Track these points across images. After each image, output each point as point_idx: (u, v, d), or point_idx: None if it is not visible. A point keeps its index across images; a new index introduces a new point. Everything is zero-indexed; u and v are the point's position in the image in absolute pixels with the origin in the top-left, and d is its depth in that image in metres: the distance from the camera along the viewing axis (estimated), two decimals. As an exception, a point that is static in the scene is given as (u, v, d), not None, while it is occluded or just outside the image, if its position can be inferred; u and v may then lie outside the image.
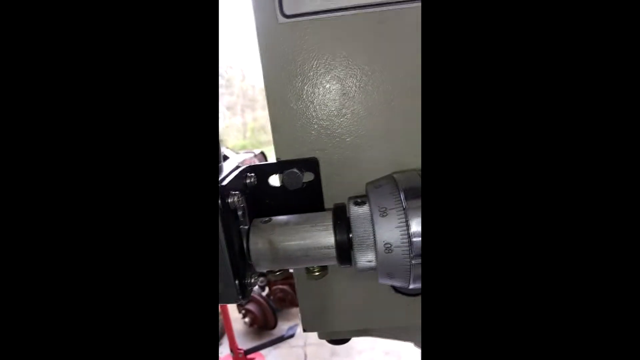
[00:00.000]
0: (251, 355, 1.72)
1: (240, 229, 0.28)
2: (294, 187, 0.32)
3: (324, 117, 0.32)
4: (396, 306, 0.35)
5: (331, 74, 0.31)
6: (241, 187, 0.30)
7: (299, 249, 0.26)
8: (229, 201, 0.26)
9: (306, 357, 1.81)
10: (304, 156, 0.32)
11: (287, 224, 0.27)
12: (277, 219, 0.28)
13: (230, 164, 0.33)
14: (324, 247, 0.26)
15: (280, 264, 0.28)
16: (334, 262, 0.27)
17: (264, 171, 0.32)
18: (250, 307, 1.90)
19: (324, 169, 0.32)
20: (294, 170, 0.31)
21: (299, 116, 0.32)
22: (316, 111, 0.32)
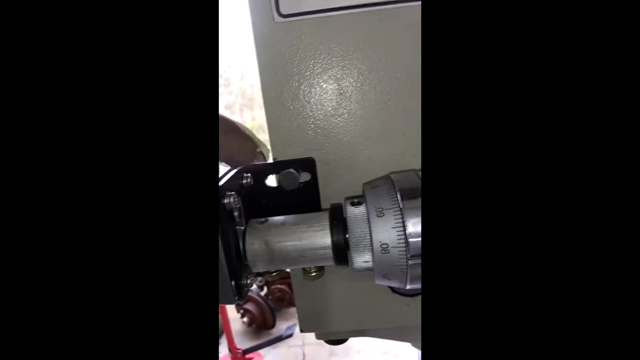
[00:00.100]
0: (249, 355, 1.72)
1: (236, 230, 0.28)
2: (291, 188, 0.32)
3: (320, 116, 0.32)
4: (393, 306, 0.35)
5: (328, 74, 0.31)
6: (237, 187, 0.30)
7: (295, 250, 0.26)
8: (225, 202, 0.26)
9: (305, 357, 1.81)
10: (300, 156, 0.32)
11: (283, 224, 0.27)
12: (273, 219, 0.28)
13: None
14: (320, 248, 0.26)
15: (276, 265, 0.27)
16: (331, 263, 0.27)
17: (260, 171, 0.32)
18: (248, 306, 1.90)
19: (320, 169, 0.32)
20: (290, 170, 0.31)
21: (296, 116, 0.32)
22: (313, 111, 0.32)
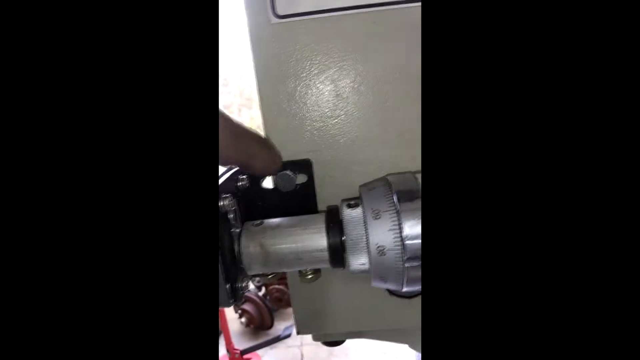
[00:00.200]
0: (247, 355, 1.72)
1: (231, 233, 0.27)
2: (287, 189, 0.32)
3: (317, 118, 0.31)
4: (390, 308, 0.35)
5: (324, 75, 0.31)
6: (232, 189, 0.29)
7: (291, 252, 0.26)
8: (220, 204, 0.25)
9: (303, 357, 1.81)
10: (297, 158, 0.32)
11: (278, 226, 0.27)
12: (269, 221, 0.28)
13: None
14: (316, 250, 0.26)
15: (271, 268, 0.27)
16: (327, 265, 0.27)
17: None
18: (246, 307, 1.90)
19: (317, 171, 0.32)
20: (286, 172, 0.31)
21: (292, 117, 0.31)
22: (309, 112, 0.31)
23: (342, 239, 0.26)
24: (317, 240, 0.26)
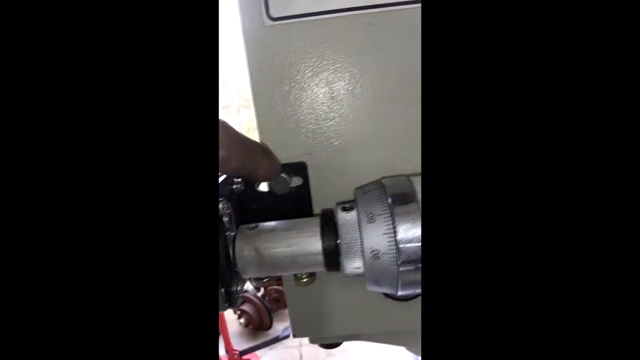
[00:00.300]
0: (246, 356, 1.72)
1: (226, 236, 0.27)
2: (282, 192, 0.31)
3: (311, 120, 0.31)
4: (386, 311, 0.35)
5: (319, 77, 0.31)
6: (227, 193, 0.29)
7: (286, 256, 0.26)
8: (214, 208, 0.25)
9: (302, 358, 1.81)
10: (292, 160, 0.32)
11: (273, 230, 0.27)
12: (263, 225, 0.28)
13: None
14: (311, 254, 0.26)
15: (266, 271, 0.27)
16: (322, 269, 0.27)
17: None
18: (245, 307, 1.90)
19: (312, 173, 0.32)
20: (282, 175, 0.31)
21: (287, 120, 0.31)
22: (304, 114, 0.31)
23: (337, 242, 0.26)
24: (312, 243, 0.26)
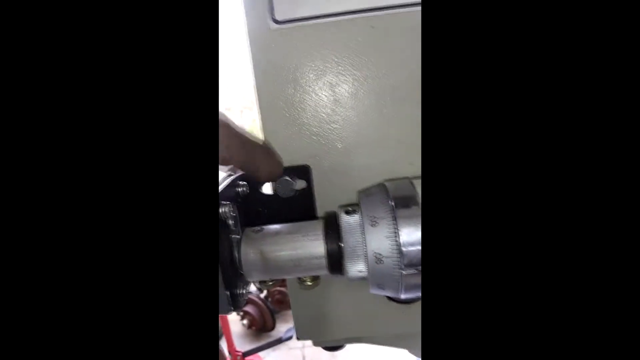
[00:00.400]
0: (249, 357, 1.72)
1: (231, 239, 0.28)
2: (286, 195, 0.32)
3: (315, 123, 0.31)
4: (390, 314, 0.35)
5: (323, 80, 0.31)
6: (233, 195, 0.29)
7: (290, 259, 0.26)
8: (220, 212, 0.25)
9: (305, 359, 1.81)
10: (295, 163, 0.32)
11: (278, 233, 0.27)
12: (268, 228, 0.28)
13: (225, 168, 0.33)
14: (314, 257, 0.26)
15: (271, 274, 0.27)
16: (325, 272, 0.27)
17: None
18: (248, 309, 1.90)
19: (316, 176, 0.32)
20: (285, 177, 0.31)
21: (291, 123, 0.31)
22: (308, 118, 0.31)
23: (340, 245, 0.26)
24: (315, 247, 0.26)
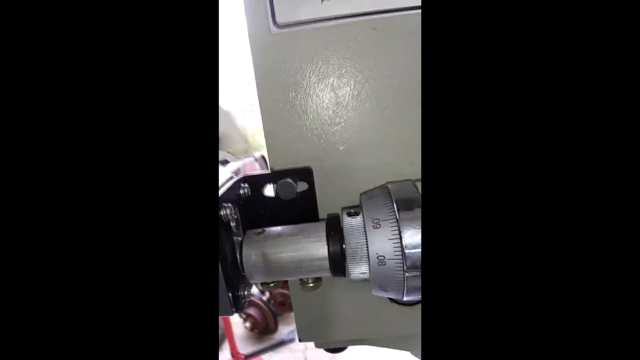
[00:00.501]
0: (252, 359, 1.72)
1: (233, 241, 0.28)
2: (288, 197, 0.32)
3: (317, 126, 0.32)
4: (392, 316, 0.35)
5: (324, 83, 0.31)
6: (234, 197, 0.30)
7: (292, 261, 0.26)
8: (222, 214, 0.26)
9: (307, 361, 1.80)
10: (297, 165, 0.32)
11: (280, 235, 0.27)
12: (270, 230, 0.28)
13: (226, 171, 0.33)
14: (317, 259, 0.26)
15: (273, 276, 0.27)
16: (328, 274, 0.27)
17: (258, 181, 0.32)
18: (250, 311, 1.90)
19: (317, 178, 0.32)
20: (287, 180, 0.31)
21: (293, 125, 0.32)
22: (309, 120, 0.32)
23: (343, 247, 0.26)
24: (317, 249, 0.26)
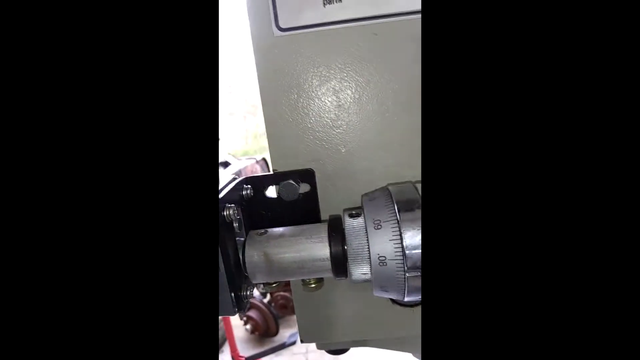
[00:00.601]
0: (253, 362, 1.71)
1: (236, 241, 0.28)
2: (290, 199, 0.32)
3: (319, 128, 0.32)
4: (394, 317, 0.35)
5: (326, 86, 0.31)
6: (237, 198, 0.30)
7: (294, 262, 0.27)
8: (225, 214, 0.26)
9: (308, 365, 1.80)
10: (299, 167, 0.32)
11: (282, 236, 0.28)
12: (272, 231, 0.28)
13: (227, 173, 0.34)
14: (319, 260, 0.26)
15: (275, 277, 0.28)
16: (330, 275, 0.27)
17: (260, 182, 0.32)
18: (251, 314, 1.90)
19: (319, 180, 0.32)
20: (290, 181, 0.32)
21: (295, 128, 0.32)
22: (312, 122, 0.32)
23: (344, 248, 0.26)
24: (319, 249, 0.26)
